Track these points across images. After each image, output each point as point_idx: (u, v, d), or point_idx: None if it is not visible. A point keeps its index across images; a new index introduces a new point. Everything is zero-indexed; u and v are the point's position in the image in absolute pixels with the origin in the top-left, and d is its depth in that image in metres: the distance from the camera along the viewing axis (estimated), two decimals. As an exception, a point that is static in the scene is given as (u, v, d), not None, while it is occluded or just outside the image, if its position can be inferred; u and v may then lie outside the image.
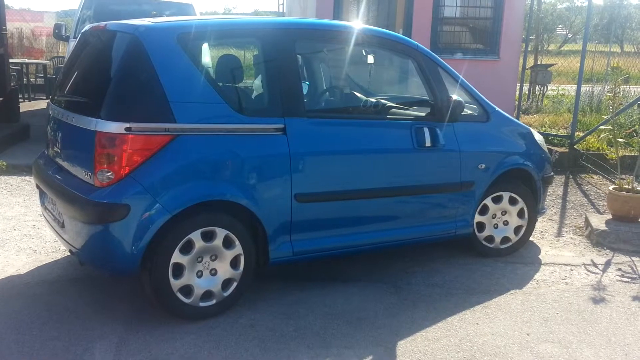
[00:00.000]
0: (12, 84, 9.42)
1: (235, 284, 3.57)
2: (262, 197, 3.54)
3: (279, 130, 3.58)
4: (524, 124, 4.94)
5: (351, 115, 4.31)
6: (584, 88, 10.70)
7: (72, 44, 8.55)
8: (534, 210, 4.74)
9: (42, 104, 11.38)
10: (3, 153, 7.35)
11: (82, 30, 4.12)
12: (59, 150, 3.78)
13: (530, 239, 4.98)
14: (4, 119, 8.67)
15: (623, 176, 5.67)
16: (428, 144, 4.06)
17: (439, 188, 4.24)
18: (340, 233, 3.90)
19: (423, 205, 4.27)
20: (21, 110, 9.49)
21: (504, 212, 4.63)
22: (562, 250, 4.97)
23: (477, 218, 4.53)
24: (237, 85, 3.84)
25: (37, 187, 4.07)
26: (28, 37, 16.62)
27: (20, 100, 10.29)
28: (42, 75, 13.14)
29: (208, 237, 3.42)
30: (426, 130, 4.07)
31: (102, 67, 3.58)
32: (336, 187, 3.81)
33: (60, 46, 15.93)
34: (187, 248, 3.37)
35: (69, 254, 4.00)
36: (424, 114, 4.28)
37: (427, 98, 4.25)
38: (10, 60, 10.46)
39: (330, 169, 3.79)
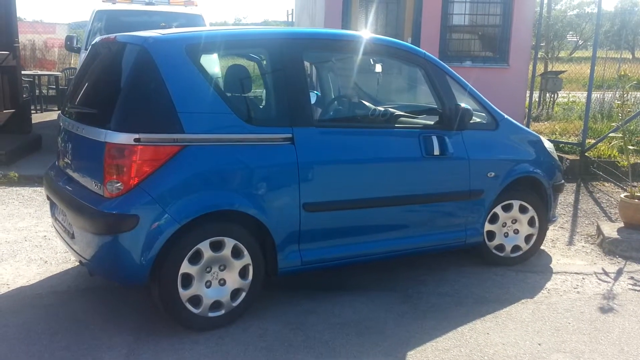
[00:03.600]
0: (24, 96, 9.51)
1: (244, 294, 3.57)
2: (271, 206, 3.54)
3: (287, 139, 3.58)
4: (533, 132, 4.92)
5: (359, 124, 4.30)
6: (595, 95, 10.66)
7: (84, 55, 8.63)
8: (545, 218, 4.71)
9: (54, 115, 11.48)
10: (15, 164, 7.41)
11: (93, 42, 4.16)
12: (69, 161, 3.80)
13: (541, 247, 4.95)
14: (17, 130, 8.75)
15: (635, 184, 5.63)
16: (437, 152, 4.05)
17: (448, 196, 4.22)
18: (349, 242, 3.89)
19: (432, 214, 4.24)
20: (33, 122, 9.59)
21: (515, 221, 4.60)
22: (573, 259, 4.93)
23: (487, 226, 4.50)
24: (245, 95, 3.85)
25: (48, 198, 4.09)
26: (40, 48, 16.79)
27: (32, 111, 10.40)
28: (54, 86, 13.26)
29: (217, 247, 3.43)
30: (435, 139, 4.06)
31: (111, 79, 3.61)
32: (345, 196, 3.80)
33: (72, 58, 16.06)
34: (195, 258, 3.38)
35: (79, 264, 4.02)
36: (432, 123, 4.27)
37: (436, 106, 4.25)
38: (23, 72, 10.58)
39: (338, 178, 3.78)
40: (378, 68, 4.76)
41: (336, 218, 3.83)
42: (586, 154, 7.76)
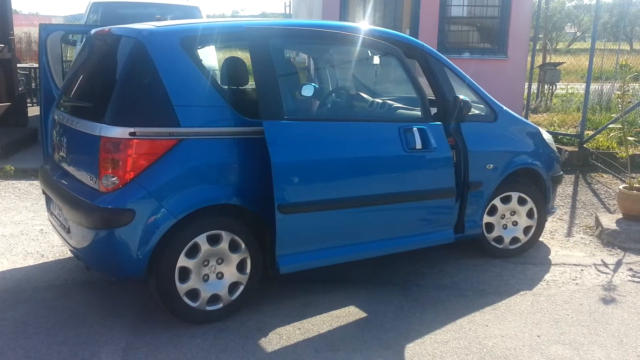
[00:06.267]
0: (20, 89, 9.47)
1: (242, 287, 3.55)
2: (267, 200, 3.50)
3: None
4: (532, 123, 4.89)
5: (356, 118, 4.24)
6: (593, 86, 10.62)
7: (79, 48, 8.58)
8: (544, 210, 4.69)
9: (50, 108, 11.42)
10: (11, 157, 7.39)
11: (87, 35, 4.12)
12: (64, 156, 3.78)
13: (540, 239, 4.94)
14: (13, 124, 8.73)
15: (633, 175, 5.62)
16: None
17: (446, 190, 4.13)
18: (336, 244, 3.72)
19: (431, 209, 4.13)
20: (29, 115, 9.55)
21: (513, 213, 4.59)
22: (572, 251, 4.92)
23: (486, 219, 4.48)
24: (241, 87, 3.81)
25: (44, 192, 4.07)
26: (36, 41, 16.70)
27: (28, 104, 10.35)
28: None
29: (214, 240, 3.41)
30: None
31: (106, 72, 3.58)
32: (329, 195, 3.59)
33: (68, 51, 16.00)
34: (193, 252, 3.36)
35: (76, 258, 4.00)
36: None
37: (434, 98, 4.21)
38: (19, 65, 10.53)
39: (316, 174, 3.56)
40: (376, 60, 4.72)
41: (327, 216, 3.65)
42: (585, 145, 7.74)
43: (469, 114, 4.18)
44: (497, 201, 4.49)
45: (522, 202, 4.58)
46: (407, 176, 3.90)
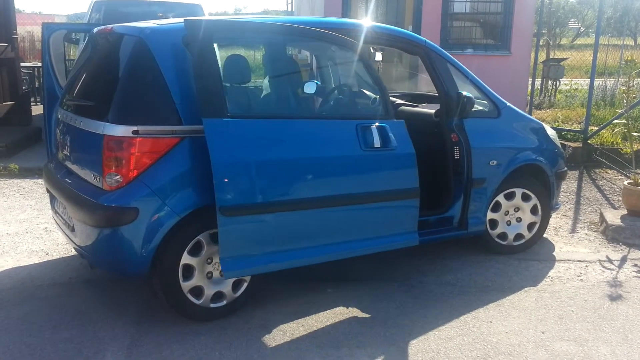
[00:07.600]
0: (23, 88, 9.48)
1: (245, 284, 3.56)
2: None
3: None
4: (536, 119, 4.88)
5: (308, 115, 4.08)
6: (597, 82, 10.59)
7: (82, 46, 8.58)
8: (548, 206, 4.68)
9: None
10: (15, 156, 7.40)
11: (90, 33, 4.12)
12: (68, 154, 3.78)
13: (544, 235, 4.92)
14: (16, 123, 8.74)
15: (638, 171, 5.59)
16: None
17: (409, 191, 3.83)
18: (286, 248, 3.52)
19: (392, 210, 3.86)
20: (33, 114, 9.57)
21: (517, 209, 4.58)
22: (576, 247, 4.91)
23: (490, 215, 4.47)
24: (243, 85, 3.79)
25: (48, 191, 4.08)
26: (39, 40, 16.74)
27: (31, 103, 10.36)
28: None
29: (216, 238, 3.40)
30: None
31: (108, 70, 3.58)
32: (281, 196, 3.45)
33: (71, 49, 16.04)
34: (196, 249, 3.37)
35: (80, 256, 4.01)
36: (433, 111, 4.23)
37: (437, 94, 4.20)
38: (22, 64, 10.54)
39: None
40: (378, 57, 4.71)
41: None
42: (589, 141, 7.72)
43: (472, 110, 4.17)
44: (500, 197, 4.48)
45: (526, 198, 4.57)
46: (364, 176, 3.66)
